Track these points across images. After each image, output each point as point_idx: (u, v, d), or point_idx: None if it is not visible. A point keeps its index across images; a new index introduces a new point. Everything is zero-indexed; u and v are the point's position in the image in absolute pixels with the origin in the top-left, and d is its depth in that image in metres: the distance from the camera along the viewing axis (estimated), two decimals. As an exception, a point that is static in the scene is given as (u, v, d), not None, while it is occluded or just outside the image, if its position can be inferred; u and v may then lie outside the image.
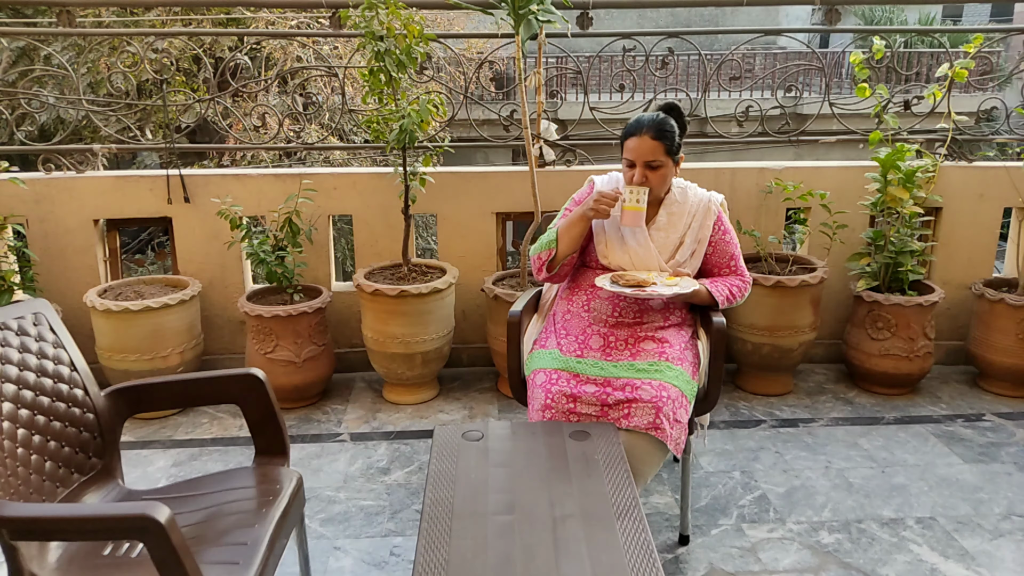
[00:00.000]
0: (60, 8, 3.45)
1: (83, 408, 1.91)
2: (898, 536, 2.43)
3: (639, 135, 2.33)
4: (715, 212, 2.45)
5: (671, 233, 2.43)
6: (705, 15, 15.59)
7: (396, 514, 2.58)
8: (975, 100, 3.94)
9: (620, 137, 2.42)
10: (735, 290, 2.44)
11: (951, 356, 3.79)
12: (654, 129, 2.33)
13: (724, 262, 2.48)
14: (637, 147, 2.33)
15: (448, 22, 9.12)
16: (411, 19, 3.08)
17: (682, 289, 2.27)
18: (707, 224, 2.44)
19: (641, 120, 2.37)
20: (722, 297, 2.39)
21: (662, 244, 2.43)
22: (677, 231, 2.43)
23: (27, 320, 1.87)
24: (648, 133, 2.32)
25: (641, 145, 2.33)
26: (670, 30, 3.71)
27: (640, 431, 2.10)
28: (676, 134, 2.36)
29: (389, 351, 3.29)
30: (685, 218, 2.44)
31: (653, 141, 2.32)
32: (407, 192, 3.32)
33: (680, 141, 2.39)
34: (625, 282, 2.27)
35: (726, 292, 2.41)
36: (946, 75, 3.47)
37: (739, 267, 2.49)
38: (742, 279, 2.48)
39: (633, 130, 2.36)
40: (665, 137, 2.33)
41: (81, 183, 3.50)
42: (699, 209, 2.44)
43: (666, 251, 2.43)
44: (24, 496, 1.70)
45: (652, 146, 2.32)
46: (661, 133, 2.33)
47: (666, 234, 2.43)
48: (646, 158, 2.33)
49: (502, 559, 1.48)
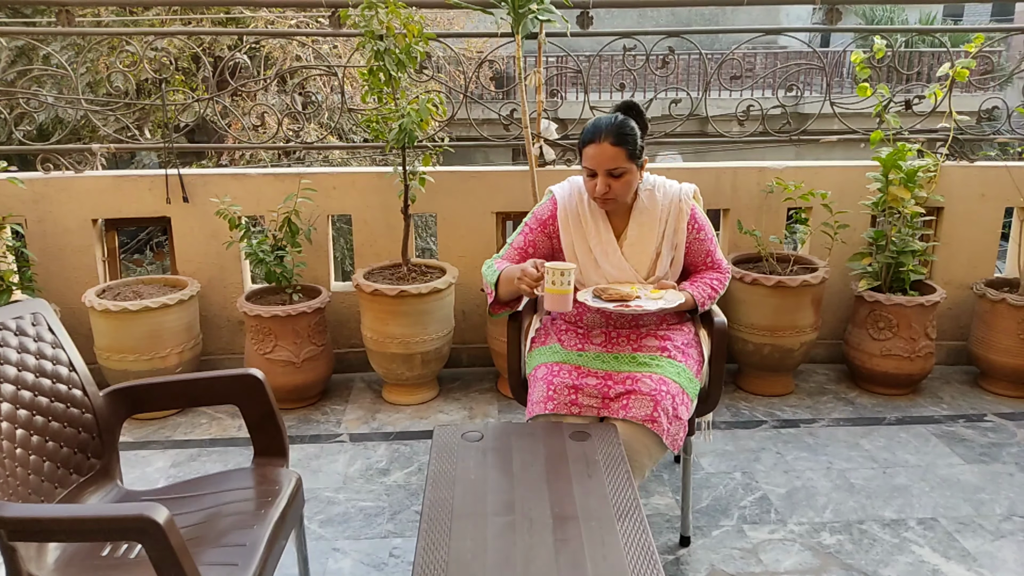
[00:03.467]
0: (59, 7, 3.44)
1: (82, 408, 1.90)
2: (900, 537, 2.42)
3: (598, 142, 2.16)
4: (687, 211, 2.32)
5: (645, 247, 2.30)
6: (706, 14, 15.58)
7: (395, 515, 2.57)
8: (976, 100, 3.92)
9: (577, 144, 2.26)
10: (716, 284, 2.36)
11: (952, 356, 3.78)
12: (613, 134, 2.15)
13: (701, 259, 2.38)
14: (597, 155, 2.17)
15: (448, 21, 9.11)
16: (411, 18, 3.07)
17: (667, 304, 2.16)
18: (681, 228, 2.31)
19: (599, 124, 2.18)
20: (704, 297, 2.31)
21: (638, 261, 2.30)
22: (651, 244, 2.30)
23: (26, 320, 1.86)
24: (608, 139, 2.15)
25: (601, 153, 2.16)
26: (671, 29, 3.70)
27: (636, 422, 2.06)
28: (638, 136, 2.20)
29: (388, 351, 3.29)
30: (657, 226, 2.30)
31: (614, 148, 2.15)
32: (406, 192, 3.31)
33: (643, 143, 2.23)
34: (608, 296, 2.16)
35: (707, 291, 2.33)
36: (947, 74, 3.46)
37: (715, 260, 2.39)
38: (719, 271, 2.40)
39: (591, 136, 2.18)
40: (626, 142, 2.16)
41: (80, 183, 3.50)
42: (670, 212, 2.31)
43: (643, 268, 2.31)
44: (22, 496, 1.69)
45: (613, 153, 2.15)
46: (622, 138, 2.16)
47: (640, 248, 2.30)
48: (607, 166, 2.17)
49: (502, 560, 1.47)
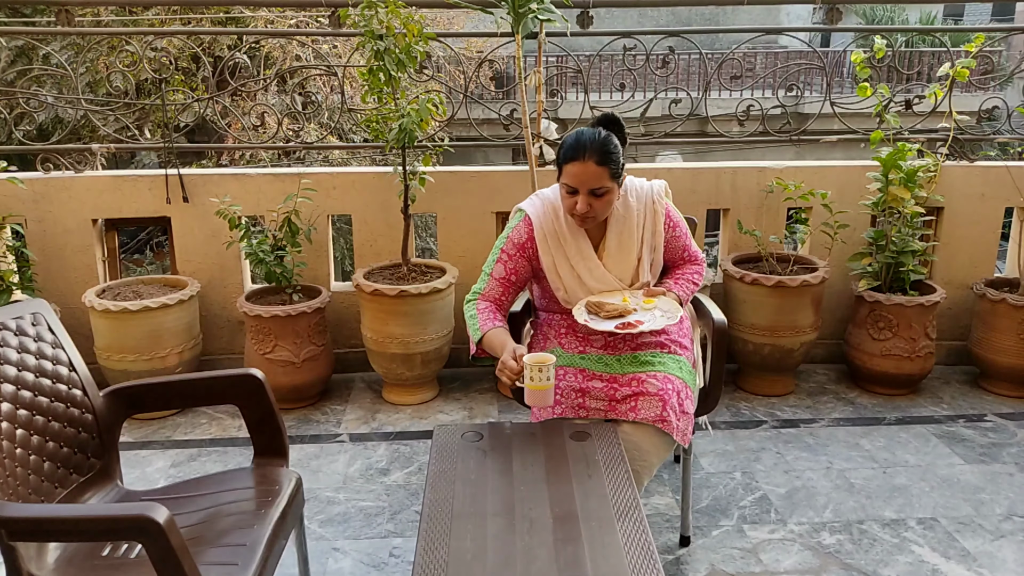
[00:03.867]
0: (59, 7, 3.44)
1: (82, 408, 1.90)
2: (900, 537, 2.42)
3: (582, 160, 2.09)
4: (662, 211, 2.30)
5: (626, 256, 2.29)
6: (706, 14, 15.57)
7: (395, 515, 2.57)
8: (976, 99, 3.93)
9: (558, 159, 2.17)
10: (695, 277, 2.40)
11: (952, 356, 3.78)
12: (598, 153, 2.09)
13: (678, 255, 2.40)
14: (580, 174, 2.10)
15: (448, 21, 9.11)
16: (410, 18, 3.07)
17: (670, 319, 2.16)
18: (658, 230, 2.30)
19: (582, 140, 2.11)
20: (687, 294, 2.35)
21: (620, 271, 2.29)
22: (631, 252, 2.29)
23: (26, 320, 1.86)
24: (592, 158, 2.09)
25: (584, 171, 2.09)
26: (671, 29, 3.70)
27: (647, 423, 2.09)
28: (620, 154, 2.16)
29: (388, 351, 3.28)
30: (635, 232, 2.28)
31: (598, 167, 2.09)
32: (406, 192, 3.31)
33: (624, 160, 2.18)
34: (606, 314, 2.16)
35: (689, 287, 2.37)
36: (947, 74, 3.46)
37: (692, 253, 2.41)
38: (696, 263, 2.43)
39: (573, 154, 2.11)
40: (610, 161, 2.11)
41: (79, 183, 3.49)
42: (646, 216, 2.29)
43: (627, 276, 2.30)
44: (22, 496, 1.69)
45: (596, 172, 2.09)
46: (606, 156, 2.10)
47: (622, 258, 2.29)
48: (591, 186, 2.11)
49: (502, 560, 1.47)
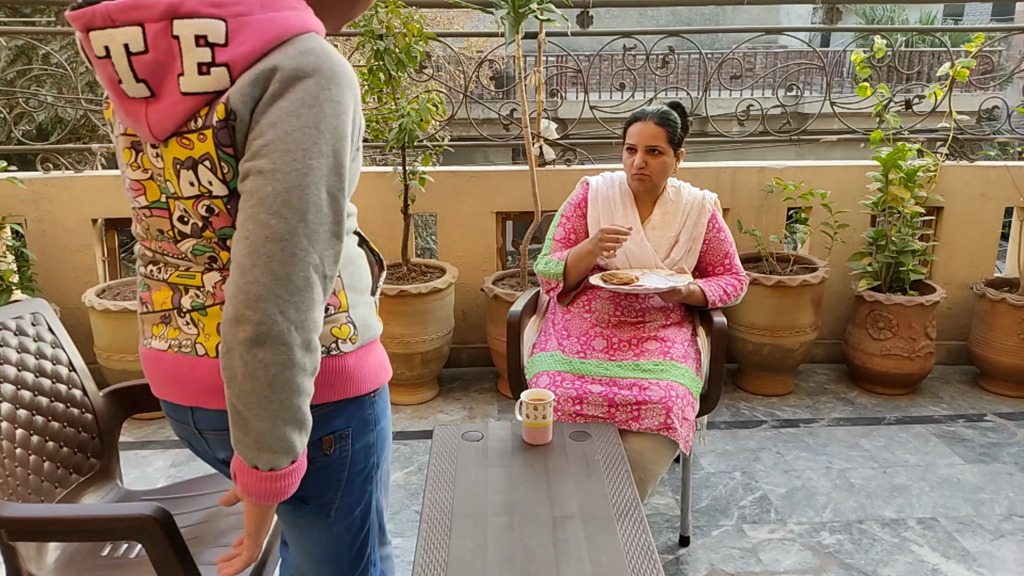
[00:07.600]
0: (59, 7, 3.44)
1: (81, 408, 1.90)
2: (899, 537, 2.43)
3: (643, 120, 2.39)
4: (709, 210, 2.48)
5: (666, 231, 2.46)
6: (706, 14, 15.57)
7: (395, 515, 2.57)
8: (976, 99, 3.93)
9: (623, 126, 2.46)
10: (730, 289, 2.44)
11: (952, 356, 3.78)
12: (658, 116, 2.38)
13: (719, 260, 2.49)
14: (640, 131, 2.38)
15: (448, 21, 9.12)
16: (410, 17, 3.07)
17: (676, 283, 2.29)
18: (701, 222, 2.47)
19: (645, 109, 2.43)
20: (715, 296, 2.39)
21: (658, 242, 2.46)
22: (672, 229, 2.46)
23: (25, 320, 1.86)
24: (652, 119, 2.38)
25: (645, 130, 2.37)
26: (671, 29, 3.70)
27: (652, 432, 2.10)
28: (679, 126, 2.41)
29: (388, 351, 3.27)
30: (679, 216, 2.47)
31: (657, 127, 2.37)
32: (406, 191, 3.31)
33: (683, 135, 2.43)
34: (619, 280, 2.29)
35: (720, 292, 2.41)
36: (947, 74, 3.46)
37: (734, 265, 2.50)
38: (737, 278, 2.49)
39: (637, 116, 2.42)
40: (668, 124, 2.38)
41: (79, 182, 3.50)
42: (693, 207, 2.47)
43: (662, 249, 2.45)
44: (22, 496, 1.69)
45: (655, 131, 2.37)
46: (665, 120, 2.38)
47: (661, 232, 2.46)
48: (648, 143, 2.37)
49: (502, 560, 1.47)
